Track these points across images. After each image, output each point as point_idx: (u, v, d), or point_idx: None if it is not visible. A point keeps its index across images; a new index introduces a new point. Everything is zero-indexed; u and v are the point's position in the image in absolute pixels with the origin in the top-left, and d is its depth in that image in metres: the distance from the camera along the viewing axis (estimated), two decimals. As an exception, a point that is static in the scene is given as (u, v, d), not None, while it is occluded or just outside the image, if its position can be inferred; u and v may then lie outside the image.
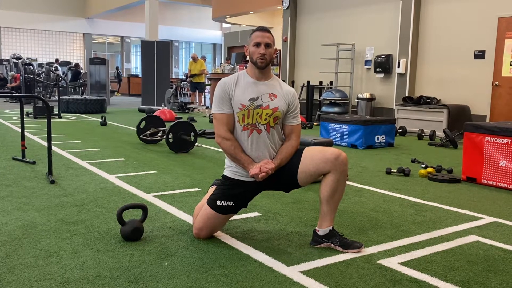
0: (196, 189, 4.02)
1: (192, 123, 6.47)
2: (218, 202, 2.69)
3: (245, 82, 2.72)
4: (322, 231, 2.63)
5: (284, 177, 2.70)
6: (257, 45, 2.67)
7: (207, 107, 14.28)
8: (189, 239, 2.74)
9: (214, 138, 6.66)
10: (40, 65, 19.65)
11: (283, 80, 12.47)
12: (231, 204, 2.70)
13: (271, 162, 2.64)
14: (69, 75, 17.64)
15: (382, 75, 10.23)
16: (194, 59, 14.39)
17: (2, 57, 22.17)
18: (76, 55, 25.95)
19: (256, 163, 2.65)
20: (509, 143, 4.20)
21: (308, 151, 2.66)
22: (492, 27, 8.24)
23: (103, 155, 5.67)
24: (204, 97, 15.43)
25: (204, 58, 16.37)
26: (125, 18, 25.61)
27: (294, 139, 2.75)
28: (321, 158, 2.56)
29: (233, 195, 2.70)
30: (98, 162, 5.15)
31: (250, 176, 2.64)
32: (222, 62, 18.56)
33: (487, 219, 3.30)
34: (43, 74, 16.96)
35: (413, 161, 5.60)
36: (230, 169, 2.76)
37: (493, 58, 8.23)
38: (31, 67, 16.45)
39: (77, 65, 18.71)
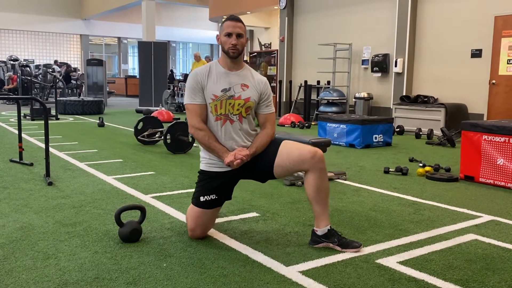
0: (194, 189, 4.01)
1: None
2: (201, 198, 2.71)
3: (217, 72, 2.74)
4: (320, 230, 2.63)
5: (260, 168, 2.73)
6: (229, 35, 2.67)
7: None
8: (187, 240, 2.73)
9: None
10: (37, 66, 19.61)
11: (280, 81, 12.49)
12: (214, 197, 2.72)
13: (245, 149, 2.68)
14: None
15: (379, 74, 10.24)
16: (197, 58, 13.89)
17: (-1, 59, 22.13)
18: (73, 57, 25.91)
19: (231, 151, 2.68)
20: (507, 141, 4.21)
21: (285, 147, 2.68)
22: (488, 26, 8.26)
23: (101, 156, 5.66)
24: None
25: (208, 58, 16.31)
26: (122, 19, 25.57)
27: (269, 128, 2.79)
28: (298, 156, 2.59)
29: (213, 188, 2.72)
30: (96, 164, 5.14)
31: (225, 164, 2.66)
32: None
33: (485, 218, 3.31)
34: (40, 75, 16.92)
35: (411, 160, 5.61)
36: (204, 162, 2.78)
37: (490, 56, 8.25)
38: (28, 68, 16.42)
39: (68, 66, 18.63)
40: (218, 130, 2.72)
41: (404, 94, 9.45)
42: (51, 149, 5.87)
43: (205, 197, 2.71)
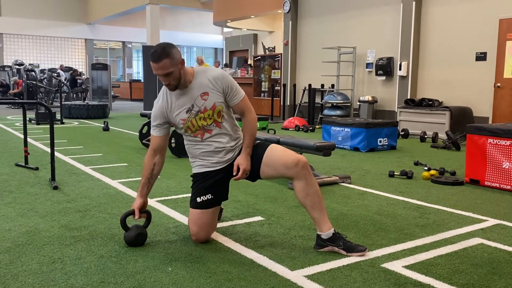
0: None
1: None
2: (198, 199, 2.75)
3: (175, 95, 2.72)
4: (325, 234, 2.62)
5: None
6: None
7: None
8: (193, 244, 2.74)
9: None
10: (42, 71, 19.70)
11: (284, 84, 12.49)
12: (210, 197, 2.75)
13: (244, 162, 2.68)
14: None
15: (383, 77, 10.22)
16: (199, 61, 13.58)
17: (5, 64, 22.25)
18: (78, 61, 26.03)
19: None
20: (512, 144, 4.19)
21: (271, 152, 2.70)
22: (493, 29, 8.24)
23: (106, 160, 5.68)
24: None
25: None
26: (127, 23, 25.67)
27: (248, 113, 2.80)
28: (282, 164, 2.62)
29: (207, 187, 2.75)
30: (101, 168, 5.16)
31: (234, 180, 2.72)
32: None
33: (491, 221, 3.29)
34: (45, 80, 17.00)
35: (416, 164, 5.59)
36: (195, 165, 2.82)
37: (495, 59, 8.22)
38: (33, 73, 16.51)
39: (75, 71, 18.71)
40: (200, 143, 2.75)
41: (408, 97, 9.43)
42: (56, 153, 5.89)
43: (202, 197, 2.74)
